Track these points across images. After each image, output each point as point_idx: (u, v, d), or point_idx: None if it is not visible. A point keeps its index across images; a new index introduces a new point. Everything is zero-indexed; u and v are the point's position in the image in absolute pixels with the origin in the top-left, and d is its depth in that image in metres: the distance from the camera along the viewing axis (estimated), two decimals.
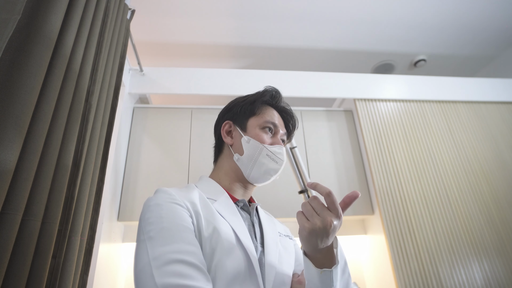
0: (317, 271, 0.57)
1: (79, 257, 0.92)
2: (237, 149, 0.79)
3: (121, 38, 1.38)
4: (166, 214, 0.60)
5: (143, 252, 0.55)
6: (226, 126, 0.85)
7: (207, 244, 0.59)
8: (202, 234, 0.61)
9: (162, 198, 0.63)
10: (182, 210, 0.62)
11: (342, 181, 1.93)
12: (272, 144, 0.78)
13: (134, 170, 1.79)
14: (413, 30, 2.42)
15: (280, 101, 0.87)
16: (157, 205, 0.61)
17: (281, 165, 0.78)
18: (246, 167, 0.76)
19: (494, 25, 2.43)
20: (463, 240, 1.76)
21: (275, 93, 0.87)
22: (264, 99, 0.84)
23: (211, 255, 0.58)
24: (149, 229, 0.58)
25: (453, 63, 2.84)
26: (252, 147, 0.76)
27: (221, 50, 2.52)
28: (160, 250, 0.54)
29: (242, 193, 0.80)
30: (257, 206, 0.80)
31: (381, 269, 1.78)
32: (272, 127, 0.80)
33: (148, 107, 2.01)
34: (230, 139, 0.83)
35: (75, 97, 0.88)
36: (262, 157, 0.75)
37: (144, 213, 0.62)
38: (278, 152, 0.77)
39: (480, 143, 2.09)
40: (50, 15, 0.75)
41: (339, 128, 2.11)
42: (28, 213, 0.66)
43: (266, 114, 0.82)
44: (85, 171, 0.96)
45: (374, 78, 2.25)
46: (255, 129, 0.79)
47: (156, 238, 0.56)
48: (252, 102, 0.83)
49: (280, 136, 0.82)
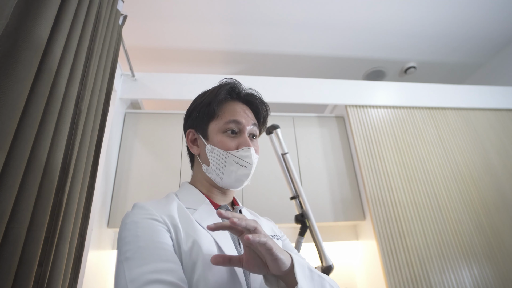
0: None
1: (68, 264, 0.91)
2: (204, 159, 0.75)
3: (112, 44, 1.37)
4: (142, 232, 0.57)
5: (120, 274, 0.53)
6: (189, 135, 0.79)
7: (188, 259, 0.57)
8: (181, 248, 0.59)
9: (139, 214, 0.61)
10: (159, 226, 0.59)
11: (334, 187, 1.94)
12: (238, 147, 0.72)
13: (125, 176, 1.78)
14: (404, 38, 2.47)
15: (241, 92, 0.79)
16: (134, 223, 0.59)
17: (250, 169, 0.72)
18: (216, 177, 0.72)
19: (481, 34, 2.49)
20: (452, 245, 1.77)
21: (231, 87, 0.77)
22: (219, 98, 0.75)
23: (191, 270, 0.57)
24: (125, 249, 0.56)
25: (442, 71, 2.89)
26: (217, 156, 0.71)
27: (214, 55, 2.53)
28: (137, 271, 0.52)
29: (222, 198, 0.76)
30: (241, 209, 0.78)
31: (373, 274, 1.78)
32: (235, 127, 0.73)
33: (140, 113, 2.00)
34: (196, 149, 0.78)
35: (64, 103, 0.88)
36: (229, 165, 0.70)
37: (121, 231, 0.60)
38: (245, 156, 0.71)
39: (469, 149, 2.12)
40: (40, 20, 0.75)
41: (330, 134, 2.13)
42: (13, 220, 0.65)
43: (226, 113, 0.74)
44: (74, 177, 0.95)
45: (365, 85, 2.28)
46: (217, 135, 0.73)
47: (132, 259, 0.54)
48: (208, 104, 0.75)
49: (249, 131, 0.75)
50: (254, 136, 0.78)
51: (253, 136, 0.77)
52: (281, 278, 0.56)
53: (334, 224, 1.98)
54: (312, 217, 1.29)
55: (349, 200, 1.92)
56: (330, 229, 2.03)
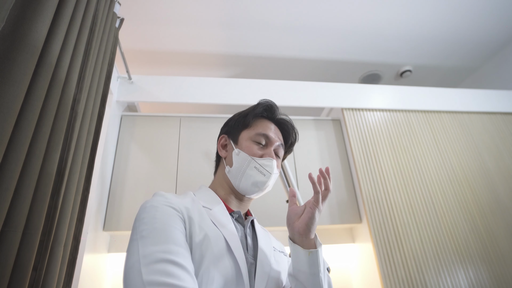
0: (306, 253, 0.62)
1: (62, 268, 0.90)
2: (229, 161, 0.81)
3: (109, 46, 1.37)
4: (160, 215, 0.61)
5: (134, 250, 0.56)
6: (222, 140, 0.87)
7: (197, 250, 0.60)
8: (193, 239, 0.61)
9: (159, 201, 0.65)
10: (176, 213, 0.63)
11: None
12: (262, 156, 0.78)
13: (121, 179, 1.77)
14: (399, 41, 2.49)
15: (276, 113, 0.87)
16: (153, 207, 0.63)
17: (268, 178, 0.77)
18: (235, 179, 0.77)
19: (475, 39, 2.52)
20: (448, 248, 1.78)
21: (268, 106, 0.86)
22: (257, 111, 0.84)
23: (199, 262, 0.59)
24: (142, 228, 0.59)
25: (438, 74, 2.92)
26: (241, 159, 0.77)
27: (210, 58, 2.54)
28: (151, 249, 0.54)
29: (237, 205, 0.81)
30: (253, 220, 0.81)
31: (369, 277, 1.78)
32: (264, 139, 0.80)
33: (136, 115, 2.00)
34: (224, 152, 0.84)
35: (60, 105, 0.87)
36: (249, 169, 0.76)
37: (139, 213, 0.63)
38: (266, 165, 0.77)
39: (464, 152, 2.14)
40: (36, 23, 0.75)
41: (327, 137, 2.13)
42: (8, 224, 0.64)
43: (259, 127, 0.82)
44: (69, 180, 0.94)
45: (362, 88, 2.30)
46: (246, 142, 0.80)
47: (147, 237, 0.57)
48: (245, 115, 0.83)
49: (275, 148, 0.82)
50: (278, 156, 0.84)
51: (277, 155, 0.83)
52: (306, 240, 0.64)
53: (330, 227, 1.98)
54: None
55: (345, 203, 1.92)
56: (326, 232, 2.04)
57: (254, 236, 0.76)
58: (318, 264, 0.62)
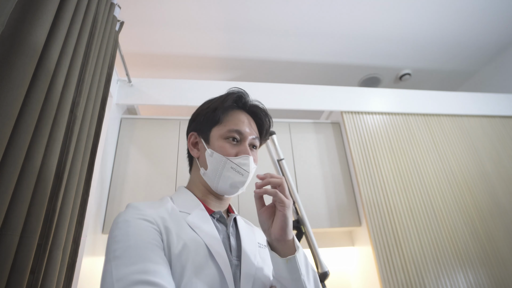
0: (284, 261, 0.60)
1: (61, 271, 0.90)
2: (203, 163, 0.76)
3: (109, 50, 1.38)
4: (134, 231, 0.57)
5: (107, 273, 0.53)
6: (191, 138, 0.81)
7: (177, 262, 0.57)
8: (171, 251, 0.58)
9: (131, 214, 0.61)
10: (150, 226, 0.59)
11: (330, 193, 1.94)
12: (237, 154, 0.73)
13: (120, 182, 1.77)
14: (399, 45, 2.50)
15: (247, 102, 0.80)
16: (125, 222, 0.59)
17: (247, 177, 0.73)
18: (212, 182, 0.73)
19: (475, 42, 2.52)
20: (448, 251, 1.78)
21: (238, 96, 0.79)
22: (226, 105, 0.76)
23: (181, 273, 0.56)
24: (115, 248, 0.55)
25: (437, 78, 2.92)
26: (216, 161, 0.72)
27: (210, 62, 2.54)
28: (125, 270, 0.51)
29: (217, 204, 0.77)
30: (236, 217, 0.77)
31: (369, 280, 1.78)
32: (237, 135, 0.74)
33: (136, 118, 2.00)
34: (196, 152, 0.79)
35: (59, 109, 0.88)
36: (226, 171, 0.71)
37: (112, 230, 0.60)
38: (243, 163, 0.72)
39: (463, 156, 2.14)
40: (35, 27, 0.75)
41: (326, 140, 2.14)
42: (5, 227, 0.64)
43: (230, 122, 0.75)
44: (69, 183, 0.94)
45: (361, 91, 2.30)
46: (218, 141, 0.74)
47: (121, 258, 0.53)
48: (214, 110, 0.76)
49: (250, 142, 0.76)
50: (254, 147, 0.79)
51: (253, 146, 0.79)
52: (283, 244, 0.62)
53: (329, 230, 1.98)
54: (307, 223, 1.28)
55: (345, 206, 1.92)
56: (326, 235, 2.03)
57: (237, 235, 0.73)
58: (298, 269, 0.59)
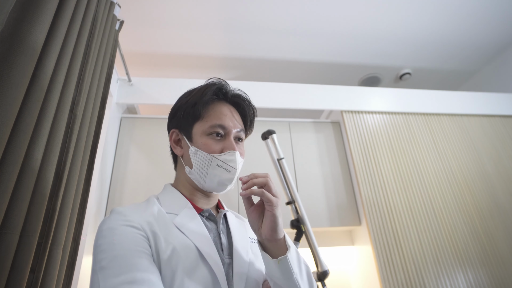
0: (275, 262, 0.58)
1: (61, 270, 0.90)
2: (187, 161, 0.72)
3: (109, 49, 1.38)
4: (120, 238, 0.55)
5: (94, 284, 0.51)
6: (173, 135, 0.76)
7: (167, 267, 0.55)
8: (160, 257, 0.56)
9: (116, 220, 0.58)
10: (137, 233, 0.57)
11: (330, 192, 1.94)
12: (222, 150, 0.69)
13: (120, 181, 1.77)
14: (399, 44, 2.49)
15: (228, 92, 0.76)
16: (110, 229, 0.56)
17: (234, 174, 0.69)
18: (199, 180, 0.70)
19: (475, 42, 2.52)
20: (447, 251, 1.78)
21: (217, 88, 0.74)
22: (206, 99, 0.72)
23: (171, 279, 0.54)
24: (100, 257, 0.53)
25: (437, 77, 2.92)
26: (200, 159, 0.69)
27: (210, 61, 2.54)
28: (112, 281, 0.49)
29: (205, 201, 0.74)
30: (226, 213, 0.75)
31: (368, 280, 1.78)
32: (221, 130, 0.70)
33: (136, 117, 2.00)
34: (179, 149, 0.75)
35: (59, 108, 0.88)
36: (212, 169, 0.68)
37: (97, 238, 0.57)
38: (229, 160, 0.68)
39: (463, 155, 2.14)
40: (35, 26, 0.75)
41: (326, 140, 2.14)
42: (5, 226, 0.64)
43: (212, 116, 0.71)
44: (68, 183, 0.94)
45: (361, 91, 2.30)
46: (201, 137, 0.70)
47: (108, 268, 0.51)
48: (193, 104, 0.72)
49: (234, 135, 0.73)
50: (240, 139, 0.76)
51: (239, 139, 0.75)
52: (270, 247, 0.60)
53: (329, 230, 1.98)
54: (307, 222, 1.29)
55: (345, 206, 1.92)
56: (326, 234, 2.03)
57: (228, 232, 0.71)
58: (290, 269, 0.58)
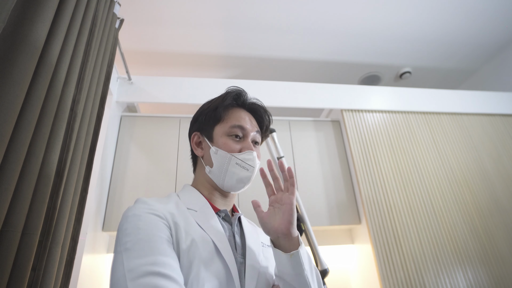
0: (288, 256, 0.61)
1: (60, 268, 0.90)
2: (208, 161, 0.77)
3: (109, 47, 1.38)
4: (144, 225, 0.59)
5: (118, 264, 0.54)
6: (195, 137, 0.83)
7: (185, 257, 0.58)
8: (180, 246, 0.59)
9: (141, 208, 0.62)
10: (160, 221, 0.61)
11: (329, 191, 1.94)
12: (241, 150, 0.75)
13: (120, 179, 1.77)
14: (399, 43, 2.49)
15: (246, 99, 0.83)
16: (135, 216, 0.60)
17: (252, 172, 0.75)
18: (218, 179, 0.75)
19: (475, 41, 2.52)
20: (447, 249, 1.78)
21: (236, 94, 0.81)
22: (226, 103, 0.79)
23: (188, 268, 0.57)
24: (125, 240, 0.57)
25: (437, 76, 2.92)
26: (221, 157, 0.74)
27: (210, 60, 2.54)
28: (136, 262, 0.53)
29: (223, 202, 0.78)
30: (240, 216, 0.79)
31: (368, 278, 1.78)
32: (240, 132, 0.77)
33: (136, 116, 2.00)
34: (200, 151, 0.81)
35: (59, 106, 0.88)
36: (231, 167, 0.73)
37: (122, 223, 0.61)
38: (248, 159, 0.74)
39: (463, 154, 2.14)
40: (36, 24, 0.75)
41: (326, 138, 2.14)
42: (8, 224, 0.64)
43: (232, 119, 0.78)
44: (68, 181, 0.94)
45: (361, 89, 2.30)
46: (222, 138, 0.76)
47: (132, 250, 0.55)
48: (215, 109, 0.79)
49: (252, 138, 0.79)
50: (257, 143, 0.81)
51: (255, 143, 0.80)
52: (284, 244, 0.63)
53: (329, 228, 1.98)
54: (307, 221, 1.29)
55: (345, 204, 1.92)
56: (326, 233, 2.04)
57: (242, 233, 0.75)
58: (301, 264, 0.61)
